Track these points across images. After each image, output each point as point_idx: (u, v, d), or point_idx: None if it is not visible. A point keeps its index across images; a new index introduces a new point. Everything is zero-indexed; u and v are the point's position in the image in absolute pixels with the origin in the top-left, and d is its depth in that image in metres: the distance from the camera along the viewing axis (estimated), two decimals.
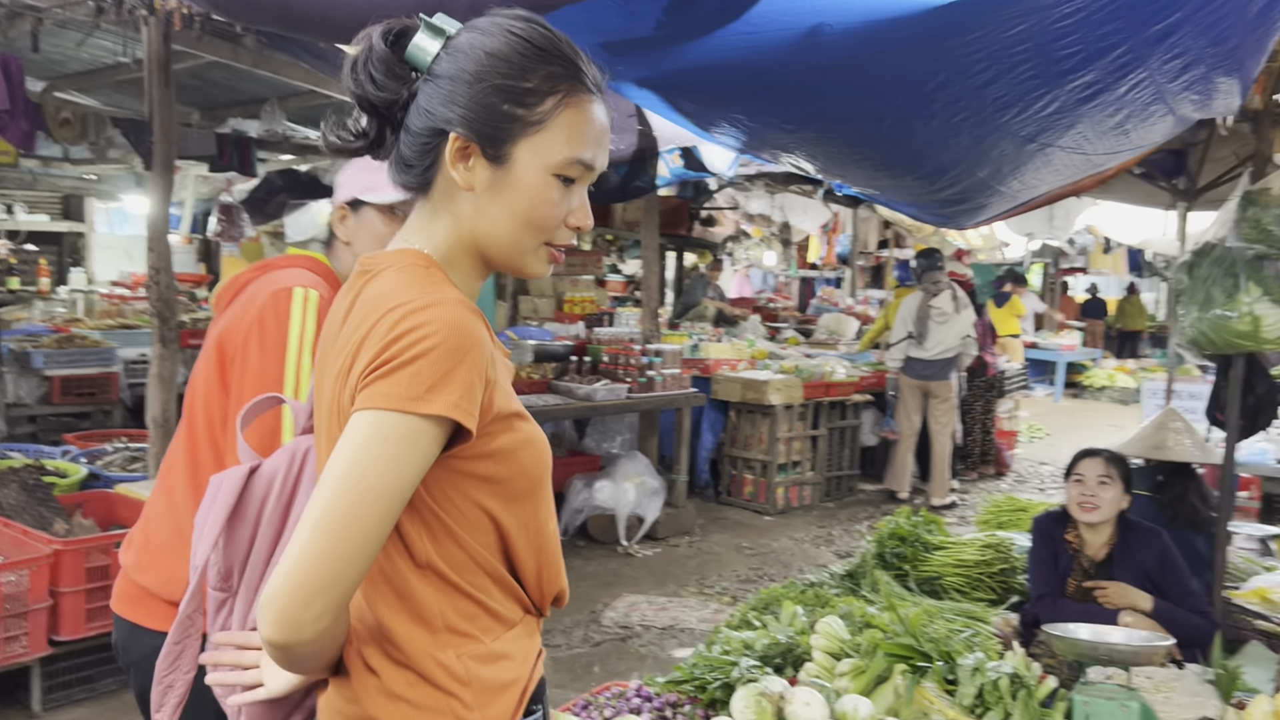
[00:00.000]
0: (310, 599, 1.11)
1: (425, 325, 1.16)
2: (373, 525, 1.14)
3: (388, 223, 2.10)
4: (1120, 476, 3.65)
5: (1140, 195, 6.34)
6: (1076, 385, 16.83)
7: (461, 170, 1.27)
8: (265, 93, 8.61)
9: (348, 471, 1.14)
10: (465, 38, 1.26)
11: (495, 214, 1.29)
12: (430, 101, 1.26)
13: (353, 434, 1.15)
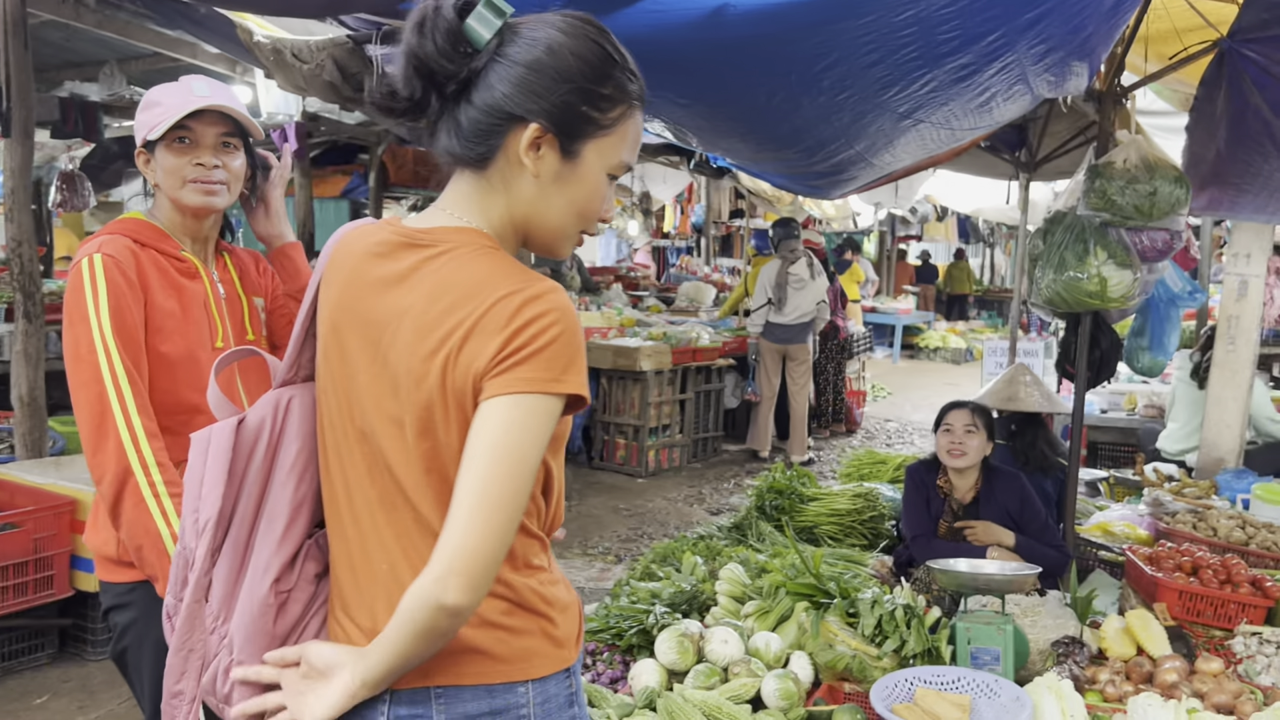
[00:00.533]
0: (489, 569, 1.26)
1: (550, 312, 1.27)
2: (524, 497, 1.28)
3: (176, 155, 2.14)
4: (984, 425, 4.00)
5: (984, 166, 6.80)
6: (912, 347, 17.79)
7: (532, 157, 1.35)
8: (104, 54, 8.17)
9: (508, 452, 1.25)
10: (546, 33, 1.33)
11: (554, 202, 1.39)
12: (505, 85, 1.32)
13: (501, 417, 1.26)
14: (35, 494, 4.23)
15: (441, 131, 1.37)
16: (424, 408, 1.31)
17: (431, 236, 1.38)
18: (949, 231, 19.29)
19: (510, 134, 1.35)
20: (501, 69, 1.32)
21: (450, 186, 1.42)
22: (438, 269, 1.34)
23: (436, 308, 1.31)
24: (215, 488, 1.43)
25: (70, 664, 4.26)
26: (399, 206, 12.71)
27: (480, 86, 1.33)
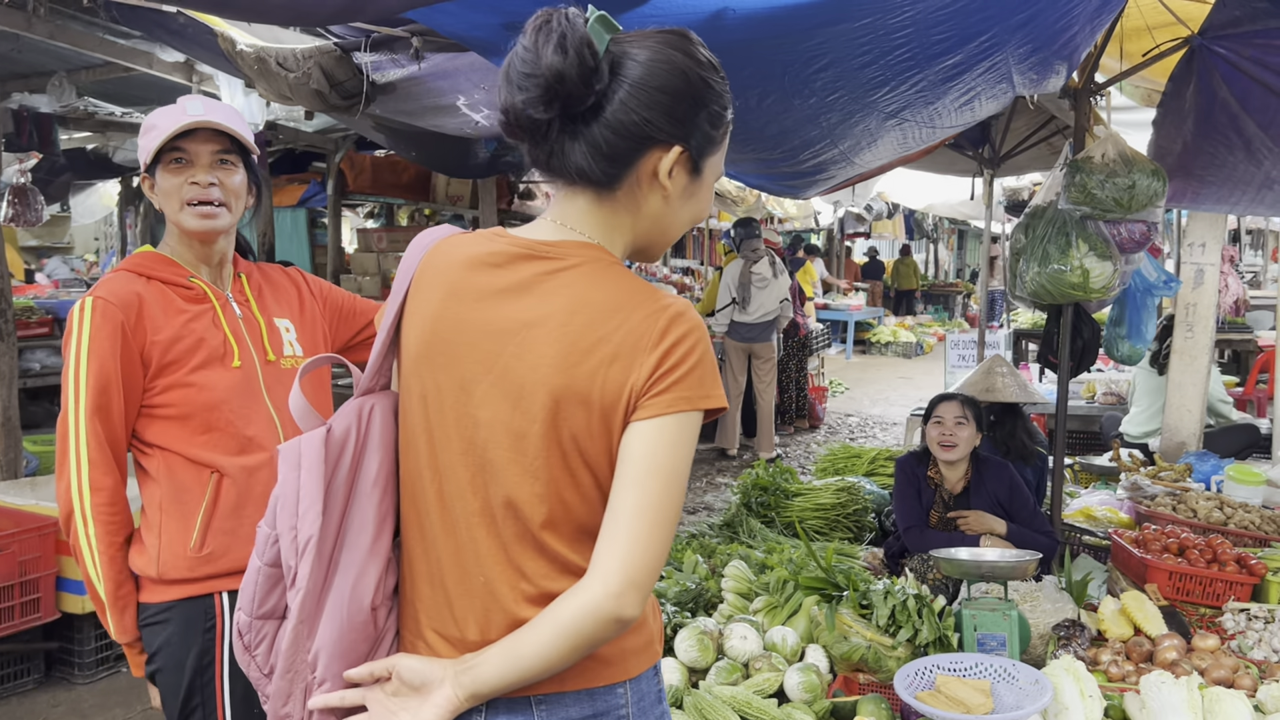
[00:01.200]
0: (653, 581, 1.31)
1: (694, 331, 1.32)
2: (680, 510, 1.34)
3: (172, 174, 2.13)
4: (973, 417, 4.09)
5: (947, 164, 6.94)
6: (864, 342, 18.03)
7: (667, 178, 1.37)
8: (52, 65, 7.97)
9: (672, 470, 1.31)
10: (667, 54, 1.33)
11: (679, 217, 1.44)
12: (644, 109, 1.32)
13: (664, 437, 1.30)
14: (17, 516, 4.13)
15: (571, 152, 1.35)
16: (556, 420, 1.32)
17: (555, 250, 1.38)
18: (896, 228, 19.59)
19: (646, 156, 1.36)
20: (634, 92, 1.32)
21: (564, 202, 1.42)
22: (569, 282, 1.35)
23: (576, 321, 1.32)
24: (314, 504, 1.40)
25: (59, 688, 4.17)
26: (355, 215, 12.59)
27: (612, 109, 1.32)
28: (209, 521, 2.08)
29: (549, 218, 1.44)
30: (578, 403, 1.31)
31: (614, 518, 1.30)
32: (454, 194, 9.31)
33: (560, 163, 1.37)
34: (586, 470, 1.34)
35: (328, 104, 3.81)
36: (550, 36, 1.28)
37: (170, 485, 2.10)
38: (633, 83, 1.32)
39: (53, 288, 11.50)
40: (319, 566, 1.41)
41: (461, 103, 4.13)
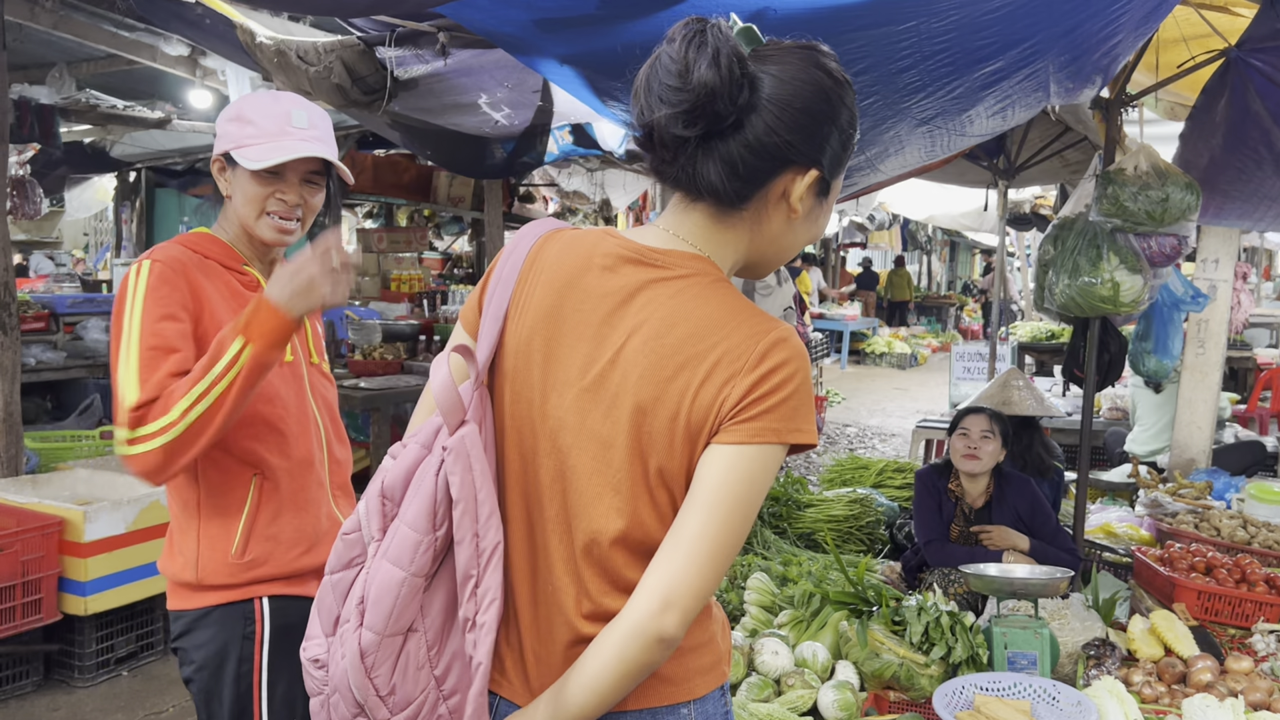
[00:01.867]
0: (699, 606, 1.24)
1: (793, 359, 1.25)
2: (744, 540, 1.28)
3: (261, 184, 2.04)
4: (1000, 432, 4.03)
5: (957, 174, 6.90)
6: (859, 353, 18.00)
7: (799, 201, 1.32)
8: (53, 56, 7.88)
9: (742, 500, 1.24)
10: (809, 74, 1.27)
11: (799, 238, 1.38)
12: (785, 130, 1.25)
13: (743, 466, 1.23)
14: (19, 514, 4.03)
15: (703, 166, 1.27)
16: (640, 432, 1.27)
17: (666, 258, 1.32)
18: (892, 239, 19.59)
19: (780, 177, 1.30)
20: (776, 111, 1.25)
21: (680, 212, 1.35)
22: (674, 294, 1.29)
23: (674, 334, 1.27)
24: (495, 511, 1.31)
25: (58, 691, 4.06)
26: (354, 215, 12.48)
27: (751, 128, 1.25)
28: (251, 526, 2.01)
29: (661, 225, 1.37)
30: (665, 417, 1.26)
31: (673, 539, 1.25)
32: (455, 195, 9.23)
33: (689, 178, 1.30)
34: (664, 489, 1.29)
35: (349, 99, 3.73)
36: (704, 50, 1.21)
37: (209, 485, 2.02)
38: (775, 102, 1.25)
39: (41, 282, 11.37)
40: (449, 581, 1.35)
41: (483, 101, 4.06)
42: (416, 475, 1.30)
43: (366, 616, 1.29)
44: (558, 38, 3.33)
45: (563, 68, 3.57)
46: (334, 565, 1.38)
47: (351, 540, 1.37)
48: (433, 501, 1.27)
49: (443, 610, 1.32)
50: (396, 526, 1.29)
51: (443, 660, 1.32)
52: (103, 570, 4.04)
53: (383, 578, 1.28)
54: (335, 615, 1.37)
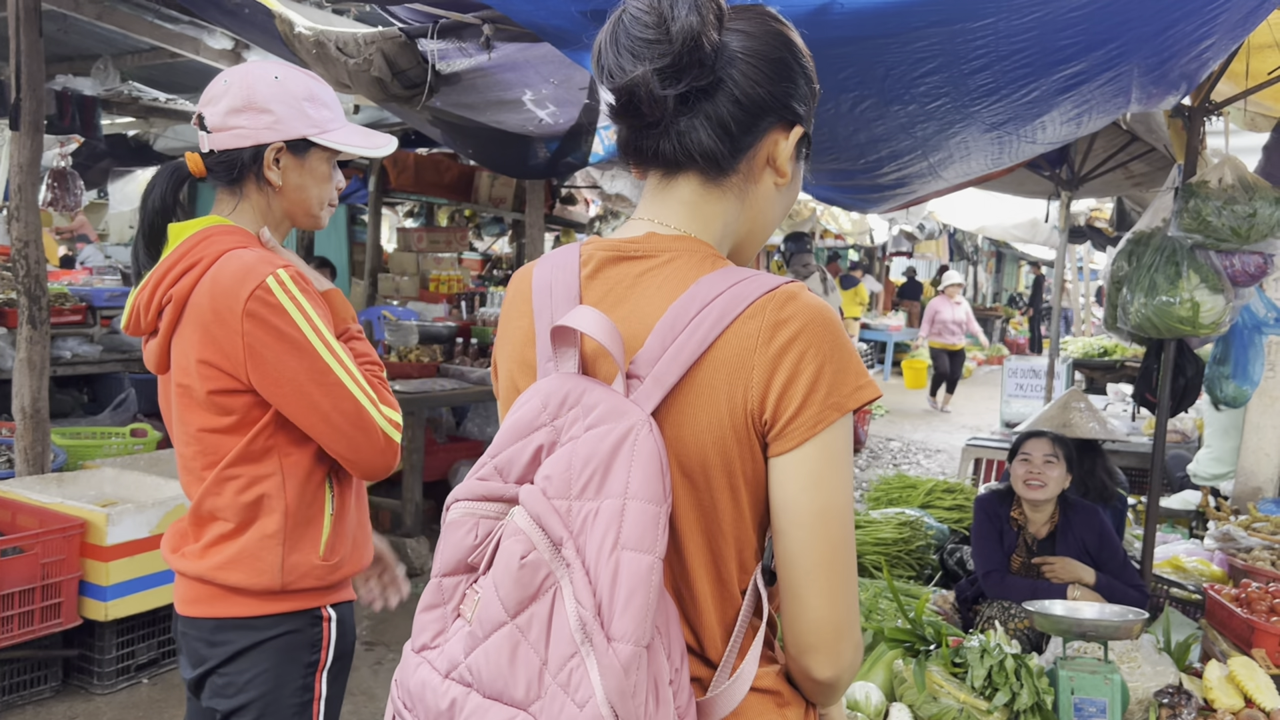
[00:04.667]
0: (854, 634, 1.15)
1: (807, 322, 1.12)
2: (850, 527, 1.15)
3: (331, 169, 2.01)
4: (1064, 457, 3.80)
5: (1016, 184, 6.64)
6: (902, 364, 17.68)
7: (786, 162, 1.22)
8: (97, 48, 7.85)
9: (837, 506, 1.12)
10: (776, 28, 1.20)
11: (782, 203, 1.28)
12: (767, 82, 1.16)
13: (813, 465, 1.10)
14: (42, 514, 3.92)
15: (693, 132, 1.16)
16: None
17: (644, 247, 1.19)
18: (940, 249, 19.24)
19: (766, 136, 1.19)
20: (755, 64, 1.16)
21: (658, 196, 1.22)
22: (661, 284, 1.15)
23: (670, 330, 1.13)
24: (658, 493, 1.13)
25: (76, 697, 3.94)
26: (395, 214, 12.40)
27: (735, 84, 1.15)
28: (335, 526, 1.93)
29: (639, 215, 1.23)
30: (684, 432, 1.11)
31: (785, 573, 1.13)
32: (497, 196, 9.08)
33: (675, 146, 1.16)
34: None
35: (388, 93, 3.57)
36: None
37: (293, 483, 1.89)
38: (749, 53, 1.15)
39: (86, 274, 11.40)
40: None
41: (527, 97, 3.89)
42: (625, 446, 1.05)
43: (614, 625, 1.01)
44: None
45: None
46: (517, 604, 1.05)
47: (533, 563, 1.05)
48: (659, 464, 1.05)
49: (665, 611, 1.08)
50: (614, 509, 1.04)
51: (675, 672, 1.08)
52: (125, 575, 3.91)
53: (627, 570, 1.02)
54: (538, 666, 1.04)
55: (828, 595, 1.11)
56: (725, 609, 1.16)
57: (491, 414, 7.55)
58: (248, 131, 1.89)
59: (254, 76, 1.92)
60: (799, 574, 1.11)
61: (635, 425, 1.06)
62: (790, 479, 1.10)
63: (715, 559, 1.14)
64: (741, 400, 1.09)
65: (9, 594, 3.66)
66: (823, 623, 1.11)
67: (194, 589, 1.93)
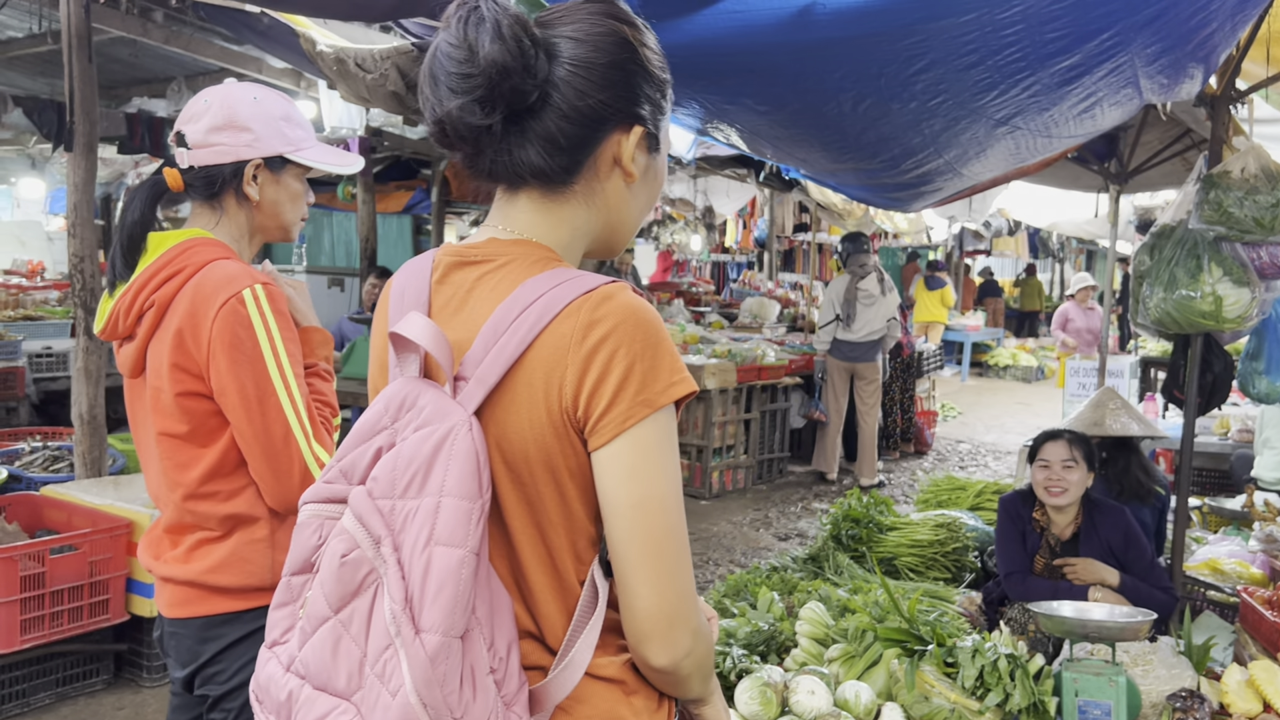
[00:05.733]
0: (689, 622, 1.17)
1: (618, 322, 1.15)
2: (678, 521, 1.18)
3: (302, 186, 2.11)
4: (1084, 457, 3.72)
5: (1069, 179, 6.50)
6: (981, 365, 17.32)
7: (631, 161, 1.25)
8: (172, 71, 8.21)
9: (656, 496, 1.15)
10: (607, 25, 1.20)
11: (641, 200, 1.31)
12: (597, 90, 1.18)
13: (628, 459, 1.14)
14: (92, 515, 4.13)
15: (520, 150, 1.19)
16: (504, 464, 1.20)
17: (486, 251, 1.24)
18: (1019, 246, 18.80)
19: (606, 141, 1.22)
20: (583, 73, 1.18)
21: (503, 205, 1.27)
22: (495, 286, 1.20)
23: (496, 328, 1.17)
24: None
25: (125, 690, 4.15)
26: (461, 222, 12.65)
27: (561, 96, 1.17)
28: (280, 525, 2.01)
29: (488, 223, 1.27)
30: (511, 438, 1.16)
31: (615, 563, 1.16)
32: None
33: (508, 165, 1.20)
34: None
35: (406, 106, 3.70)
36: (484, 25, 1.12)
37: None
38: (577, 62, 1.17)
39: None
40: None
41: None
42: (445, 446, 1.10)
43: (423, 617, 1.07)
44: None
45: None
46: (339, 600, 1.12)
47: (354, 560, 1.11)
48: (476, 462, 1.10)
49: (488, 601, 1.14)
50: (430, 506, 1.09)
51: (499, 660, 1.14)
52: None
53: (438, 564, 1.07)
54: (359, 658, 1.11)
55: (655, 584, 1.13)
56: (564, 598, 1.20)
57: None
58: (228, 148, 1.98)
59: (234, 97, 2.02)
60: (625, 564, 1.14)
61: (456, 425, 1.11)
62: (607, 473, 1.13)
63: (549, 550, 1.19)
64: (557, 397, 1.13)
65: (60, 590, 3.87)
66: (653, 611, 1.14)
67: (181, 592, 2.00)
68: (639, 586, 1.14)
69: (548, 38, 1.18)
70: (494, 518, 1.17)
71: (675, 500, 1.16)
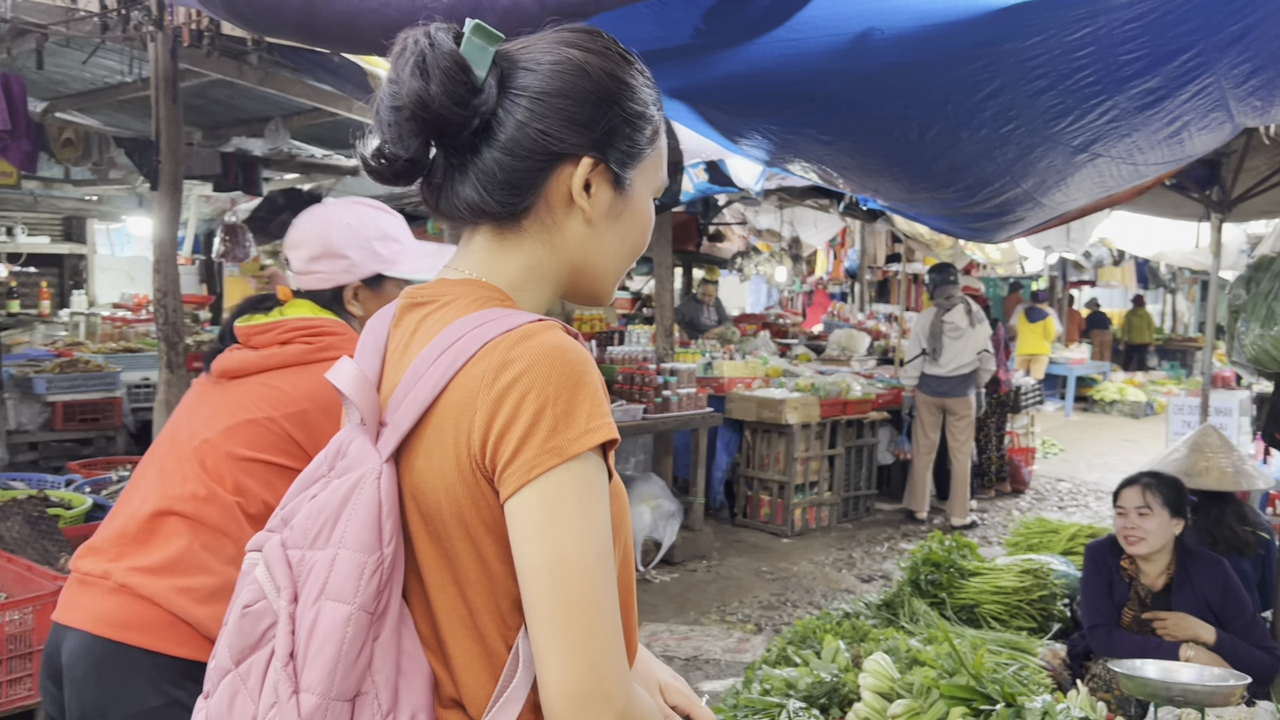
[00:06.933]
0: (611, 704, 1.03)
1: (530, 364, 1.08)
2: (604, 580, 1.06)
3: (401, 289, 2.15)
4: (1165, 503, 3.48)
5: (1169, 207, 6.20)
6: (1086, 399, 16.68)
7: (584, 197, 1.17)
8: (268, 111, 8.48)
9: (567, 557, 1.05)
10: (565, 53, 1.15)
11: (609, 242, 1.22)
12: (541, 121, 1.13)
13: (537, 513, 1.04)
14: None
15: (460, 186, 1.15)
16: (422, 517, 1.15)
17: (433, 292, 1.19)
18: (1126, 276, 18.10)
19: (553, 175, 1.15)
20: (526, 103, 1.13)
21: (463, 245, 1.23)
22: (431, 326, 1.15)
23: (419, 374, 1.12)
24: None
25: None
26: None
27: (502, 128, 1.13)
28: None
29: (448, 265, 1.23)
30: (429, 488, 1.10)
31: (532, 626, 1.05)
32: None
33: (451, 203, 1.16)
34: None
35: None
36: (408, 60, 1.09)
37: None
38: (529, 93, 1.12)
39: None
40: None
41: None
42: (353, 495, 1.08)
43: (302, 677, 1.04)
44: (659, 71, 3.15)
45: (673, 102, 3.40)
46: (238, 653, 1.11)
47: (257, 611, 1.11)
48: (377, 513, 1.06)
49: (394, 665, 1.08)
50: (328, 558, 1.07)
51: None
52: None
53: (324, 621, 1.05)
54: (252, 714, 1.09)
55: (566, 658, 1.02)
56: (490, 665, 1.11)
57: (622, 449, 7.60)
58: (327, 276, 2.10)
59: (329, 223, 2.11)
60: (535, 632, 1.03)
61: (366, 473, 1.07)
62: (514, 528, 1.04)
63: (469, 609, 1.10)
64: (465, 444, 1.06)
65: None
66: (563, 687, 1.01)
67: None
68: (548, 659, 1.02)
69: (505, 69, 1.14)
70: (414, 573, 1.11)
71: (596, 562, 1.04)
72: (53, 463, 6.71)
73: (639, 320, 10.35)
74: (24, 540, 4.13)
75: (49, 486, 5.34)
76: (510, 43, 1.16)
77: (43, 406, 6.68)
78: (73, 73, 6.77)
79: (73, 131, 6.86)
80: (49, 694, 1.90)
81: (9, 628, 3.58)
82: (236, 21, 2.59)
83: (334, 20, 2.37)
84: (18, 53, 5.39)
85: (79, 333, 9.58)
